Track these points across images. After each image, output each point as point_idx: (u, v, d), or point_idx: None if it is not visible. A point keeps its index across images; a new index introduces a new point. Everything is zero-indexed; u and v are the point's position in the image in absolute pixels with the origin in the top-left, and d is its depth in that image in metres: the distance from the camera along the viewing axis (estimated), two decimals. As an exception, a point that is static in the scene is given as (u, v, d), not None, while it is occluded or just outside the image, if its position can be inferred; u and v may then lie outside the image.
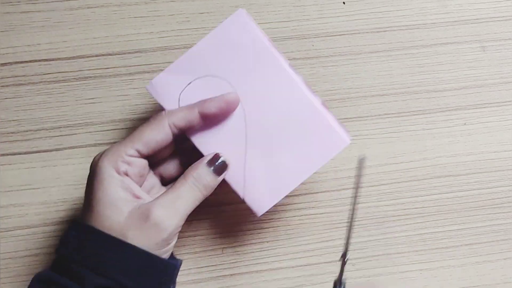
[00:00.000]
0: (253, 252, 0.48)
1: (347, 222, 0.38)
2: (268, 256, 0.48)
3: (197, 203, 0.38)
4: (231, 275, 0.48)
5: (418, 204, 0.49)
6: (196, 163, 0.38)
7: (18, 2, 0.50)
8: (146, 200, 0.37)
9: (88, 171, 0.48)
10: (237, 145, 0.39)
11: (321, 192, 0.49)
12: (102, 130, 0.49)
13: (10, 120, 0.48)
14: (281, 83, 0.38)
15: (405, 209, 0.49)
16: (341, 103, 0.50)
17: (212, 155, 0.38)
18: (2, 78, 0.49)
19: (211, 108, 0.38)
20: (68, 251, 0.35)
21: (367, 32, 0.51)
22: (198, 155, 0.40)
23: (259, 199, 0.39)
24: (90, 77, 0.49)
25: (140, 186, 0.38)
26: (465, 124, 0.51)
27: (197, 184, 0.37)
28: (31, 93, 0.49)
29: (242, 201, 0.40)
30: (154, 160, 0.40)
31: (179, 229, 0.37)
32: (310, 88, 0.39)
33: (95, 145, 0.48)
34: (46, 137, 0.48)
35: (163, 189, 0.41)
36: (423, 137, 0.50)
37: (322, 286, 0.48)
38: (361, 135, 0.50)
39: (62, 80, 0.49)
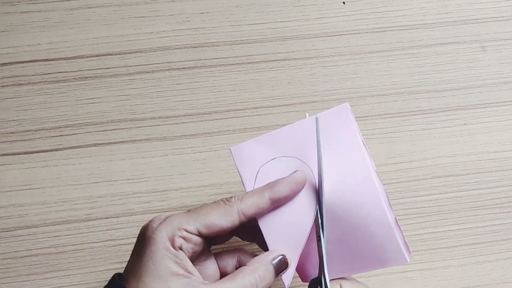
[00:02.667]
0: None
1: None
2: (268, 256, 0.48)
3: None
4: (231, 275, 0.48)
5: (418, 204, 0.49)
6: (260, 258, 0.37)
7: (18, 2, 0.50)
8: (197, 279, 0.35)
9: (87, 171, 0.48)
10: (299, 236, 0.37)
11: (321, 192, 0.49)
12: (102, 130, 0.49)
13: (10, 120, 0.48)
14: (363, 189, 0.37)
15: (405, 209, 0.49)
16: (341, 103, 0.50)
17: (279, 255, 0.37)
18: (2, 78, 0.49)
19: (282, 192, 0.36)
20: None
21: (367, 32, 0.51)
22: (258, 235, 0.38)
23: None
24: (90, 77, 0.49)
25: (193, 261, 0.37)
26: (465, 124, 0.51)
27: (258, 281, 0.35)
28: (31, 93, 0.49)
29: None
30: (213, 239, 0.39)
31: None
32: (388, 199, 0.38)
33: (95, 145, 0.48)
34: (46, 137, 0.48)
35: (215, 266, 0.39)
36: (423, 137, 0.50)
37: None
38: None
39: (62, 80, 0.49)
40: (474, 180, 0.50)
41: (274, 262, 0.36)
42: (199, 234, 0.36)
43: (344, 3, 0.52)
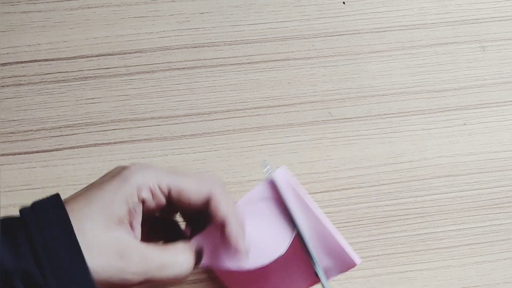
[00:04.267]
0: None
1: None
2: (268, 256, 0.48)
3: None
4: (231, 275, 0.48)
5: (418, 204, 0.49)
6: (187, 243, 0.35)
7: (18, 2, 0.50)
8: (135, 236, 0.33)
9: (87, 171, 0.48)
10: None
11: (321, 192, 0.49)
12: (102, 130, 0.49)
13: (10, 120, 0.48)
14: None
15: (405, 209, 0.49)
16: (341, 103, 0.50)
17: (199, 246, 0.35)
18: (2, 78, 0.49)
19: (229, 229, 0.35)
20: (30, 219, 0.31)
21: (367, 32, 0.51)
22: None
23: None
24: (90, 77, 0.49)
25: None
26: (465, 124, 0.51)
27: (184, 261, 0.34)
28: (31, 93, 0.49)
29: None
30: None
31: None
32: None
33: (95, 145, 0.48)
34: (46, 137, 0.48)
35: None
36: (423, 137, 0.50)
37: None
38: (361, 135, 0.50)
39: (62, 80, 0.49)
40: (474, 180, 0.50)
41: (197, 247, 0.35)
42: (168, 196, 0.34)
43: (344, 3, 0.52)
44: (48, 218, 0.31)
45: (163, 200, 0.34)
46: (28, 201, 0.47)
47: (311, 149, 0.50)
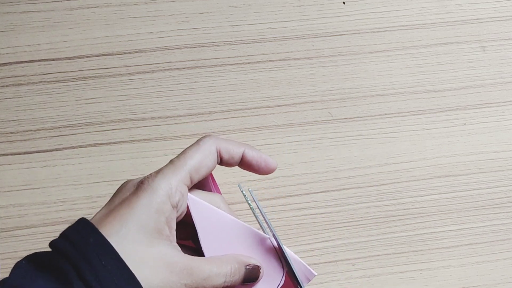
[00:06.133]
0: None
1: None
2: (268, 256, 0.48)
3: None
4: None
5: (418, 204, 0.49)
6: (239, 257, 0.35)
7: (18, 2, 0.50)
8: (176, 246, 0.32)
9: (87, 171, 0.48)
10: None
11: (321, 192, 0.49)
12: (102, 130, 0.49)
13: (10, 120, 0.48)
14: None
15: (405, 209, 0.49)
16: (341, 103, 0.50)
17: (257, 265, 0.35)
18: (2, 78, 0.49)
19: (251, 157, 0.36)
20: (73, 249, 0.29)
21: (367, 32, 0.51)
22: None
23: None
24: (90, 77, 0.49)
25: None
26: (465, 124, 0.51)
27: (228, 274, 0.34)
28: (31, 93, 0.49)
29: None
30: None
31: None
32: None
33: (95, 145, 0.48)
34: (46, 137, 0.48)
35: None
36: (423, 137, 0.50)
37: (322, 286, 0.48)
38: (361, 135, 0.50)
39: (62, 80, 0.49)
40: (474, 180, 0.50)
41: (247, 267, 0.35)
42: (190, 184, 0.34)
43: (344, 3, 0.52)
44: (89, 246, 0.29)
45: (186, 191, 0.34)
46: (28, 201, 0.47)
47: (311, 149, 0.50)
